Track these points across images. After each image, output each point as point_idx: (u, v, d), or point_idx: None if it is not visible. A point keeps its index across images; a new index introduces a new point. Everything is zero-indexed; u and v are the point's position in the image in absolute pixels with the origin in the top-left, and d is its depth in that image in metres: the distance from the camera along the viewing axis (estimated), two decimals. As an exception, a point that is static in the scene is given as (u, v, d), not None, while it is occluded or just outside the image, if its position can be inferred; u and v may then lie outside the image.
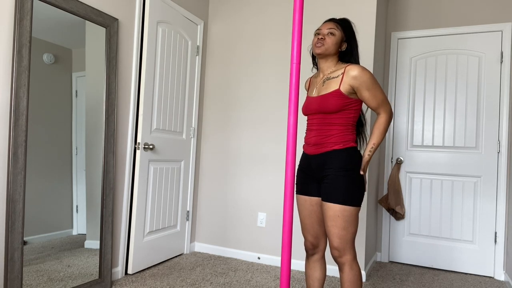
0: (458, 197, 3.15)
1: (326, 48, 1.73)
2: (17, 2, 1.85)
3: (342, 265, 1.66)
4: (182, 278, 2.63)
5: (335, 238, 1.63)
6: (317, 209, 1.78)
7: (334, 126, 1.70)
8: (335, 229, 1.63)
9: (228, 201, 3.27)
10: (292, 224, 1.64)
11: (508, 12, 3.06)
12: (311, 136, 1.76)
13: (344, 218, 1.62)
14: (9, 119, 1.85)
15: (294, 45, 1.32)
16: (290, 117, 1.33)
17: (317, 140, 1.72)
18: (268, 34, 3.20)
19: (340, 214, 1.62)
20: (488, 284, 2.85)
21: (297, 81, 1.33)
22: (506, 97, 3.03)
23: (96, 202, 2.33)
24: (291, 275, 2.81)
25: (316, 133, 1.73)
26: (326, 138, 1.70)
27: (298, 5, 1.31)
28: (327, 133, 1.70)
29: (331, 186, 1.64)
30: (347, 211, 1.62)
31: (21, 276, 1.86)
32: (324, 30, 1.75)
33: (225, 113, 3.33)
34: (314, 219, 1.79)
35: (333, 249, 1.66)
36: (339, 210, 1.62)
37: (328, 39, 1.73)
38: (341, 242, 1.63)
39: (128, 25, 2.56)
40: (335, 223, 1.62)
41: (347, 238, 1.63)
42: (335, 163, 1.66)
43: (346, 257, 1.64)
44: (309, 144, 1.77)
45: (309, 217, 1.80)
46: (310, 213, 1.79)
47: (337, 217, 1.62)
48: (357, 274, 1.66)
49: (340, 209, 1.62)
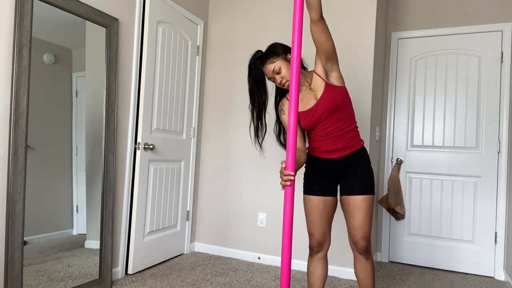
0: (458, 197, 3.15)
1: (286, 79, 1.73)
2: (17, 2, 1.85)
3: (367, 253, 1.75)
4: (182, 278, 2.63)
5: (366, 227, 1.72)
6: (329, 209, 1.82)
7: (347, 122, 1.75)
8: (367, 219, 1.73)
9: (228, 201, 3.27)
10: (292, 224, 1.64)
11: (508, 12, 3.06)
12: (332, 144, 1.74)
13: (371, 207, 1.75)
14: (9, 120, 1.85)
15: (294, 45, 1.32)
16: (290, 117, 1.33)
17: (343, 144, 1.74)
18: (268, 34, 3.19)
19: (371, 203, 1.75)
20: (488, 284, 2.85)
21: (297, 81, 1.33)
22: (506, 97, 3.03)
23: (96, 202, 2.33)
24: (291, 275, 2.81)
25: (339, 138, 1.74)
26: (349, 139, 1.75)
27: (298, 5, 1.31)
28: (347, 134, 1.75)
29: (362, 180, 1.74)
30: (373, 199, 1.77)
31: (21, 276, 1.86)
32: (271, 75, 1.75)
33: (225, 113, 3.33)
34: (325, 218, 1.82)
35: (363, 239, 1.72)
36: (370, 200, 1.74)
37: (282, 75, 1.73)
38: (369, 232, 1.74)
39: (128, 25, 2.56)
40: (366, 213, 1.73)
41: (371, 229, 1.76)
42: (361, 160, 1.78)
43: (369, 246, 1.75)
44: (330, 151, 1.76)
45: (320, 216, 1.80)
46: (322, 212, 1.80)
47: (369, 207, 1.74)
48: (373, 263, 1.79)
49: (370, 198, 1.74)
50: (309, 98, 1.75)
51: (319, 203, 1.80)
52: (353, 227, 1.74)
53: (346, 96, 1.76)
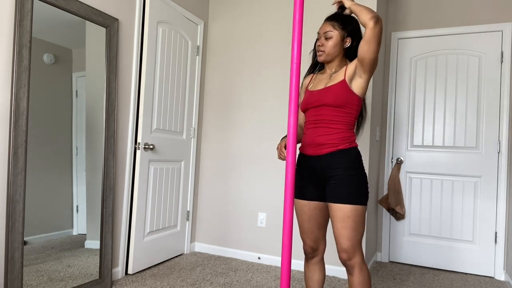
0: (458, 197, 3.15)
1: (327, 54, 1.71)
2: (17, 2, 1.85)
3: (351, 268, 1.60)
4: (182, 278, 2.63)
5: (345, 240, 1.58)
6: (316, 214, 1.74)
7: (337, 124, 1.64)
8: (345, 231, 1.58)
9: (228, 201, 3.27)
10: (292, 224, 1.64)
11: (508, 12, 3.06)
12: (316, 135, 1.67)
13: (354, 218, 1.58)
14: (10, 120, 1.85)
15: (294, 45, 1.32)
16: (290, 117, 1.33)
17: (322, 139, 1.65)
18: (268, 34, 3.20)
19: (350, 214, 1.57)
20: (488, 284, 2.85)
21: (297, 81, 1.33)
22: (506, 97, 3.03)
23: (96, 202, 2.33)
24: (291, 275, 2.81)
25: (321, 131, 1.66)
26: (330, 136, 1.64)
27: (298, 5, 1.31)
28: (330, 131, 1.64)
29: (340, 187, 1.60)
30: (358, 210, 1.58)
31: (21, 276, 1.86)
32: (321, 34, 1.73)
33: (225, 113, 3.33)
34: (313, 224, 1.75)
35: (342, 252, 1.60)
36: (349, 210, 1.57)
37: (327, 43, 1.71)
38: (351, 245, 1.58)
39: (128, 25, 2.56)
40: (345, 225, 1.57)
41: (356, 239, 1.59)
42: (343, 162, 1.62)
43: (355, 259, 1.59)
44: (311, 144, 1.69)
45: (308, 222, 1.75)
46: (309, 218, 1.74)
47: (348, 218, 1.57)
48: (366, 276, 1.61)
49: (350, 209, 1.57)
50: (323, 83, 1.74)
51: (303, 207, 1.75)
52: (335, 237, 1.63)
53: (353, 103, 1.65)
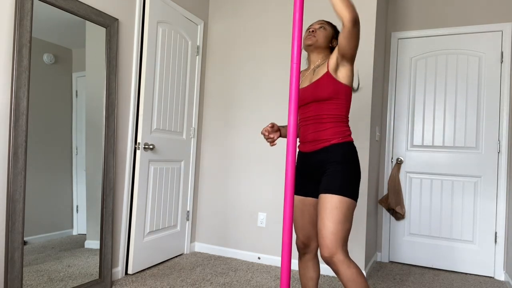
0: (458, 197, 3.15)
1: (317, 39, 1.75)
2: (17, 2, 1.85)
3: (335, 267, 1.50)
4: (182, 278, 2.63)
5: (329, 233, 1.50)
6: (310, 210, 1.76)
7: (329, 118, 1.66)
8: (330, 223, 1.51)
9: (228, 201, 3.27)
10: (292, 224, 1.64)
11: (508, 12, 3.06)
12: (308, 132, 1.71)
13: (342, 210, 1.53)
14: (9, 120, 1.85)
15: (294, 45, 1.32)
16: (290, 117, 1.33)
17: (314, 136, 1.68)
18: (268, 34, 3.20)
19: (339, 205, 1.53)
20: (488, 284, 2.85)
21: (297, 81, 1.33)
22: (506, 97, 3.03)
23: (96, 202, 2.33)
24: (291, 275, 2.81)
25: (313, 128, 1.69)
26: (323, 132, 1.66)
27: (298, 5, 1.31)
28: (323, 126, 1.66)
29: (331, 178, 1.58)
30: (347, 203, 1.55)
31: (21, 276, 1.86)
32: (315, 25, 1.79)
33: (225, 113, 3.33)
34: (306, 220, 1.76)
35: (324, 248, 1.51)
36: (339, 201, 1.53)
37: (320, 32, 1.76)
38: (335, 239, 1.50)
39: (128, 25, 2.56)
40: (332, 216, 1.52)
41: (341, 236, 1.51)
42: (336, 157, 1.62)
43: (338, 256, 1.50)
44: (305, 142, 1.72)
45: (301, 217, 1.77)
46: (303, 213, 1.76)
47: (336, 208, 1.53)
48: (356, 271, 1.50)
49: (340, 200, 1.53)
50: (307, 79, 1.76)
51: (298, 202, 1.78)
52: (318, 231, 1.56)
53: (341, 92, 1.66)
